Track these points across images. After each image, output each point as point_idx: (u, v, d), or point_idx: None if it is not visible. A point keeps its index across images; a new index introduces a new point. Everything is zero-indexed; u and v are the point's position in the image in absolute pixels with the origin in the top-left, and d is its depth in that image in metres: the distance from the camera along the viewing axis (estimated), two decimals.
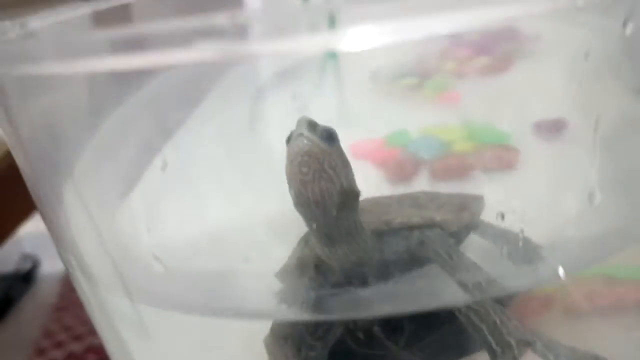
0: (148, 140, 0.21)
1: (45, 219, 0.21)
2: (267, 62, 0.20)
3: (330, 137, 0.19)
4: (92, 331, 0.25)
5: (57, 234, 0.21)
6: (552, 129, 0.26)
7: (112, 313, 0.22)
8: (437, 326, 0.21)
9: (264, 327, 0.21)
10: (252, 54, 0.13)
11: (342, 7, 0.14)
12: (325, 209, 0.19)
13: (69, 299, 0.80)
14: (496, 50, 0.31)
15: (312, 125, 0.18)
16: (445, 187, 0.25)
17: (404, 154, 0.28)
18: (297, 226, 0.20)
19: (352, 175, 0.20)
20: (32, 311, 0.78)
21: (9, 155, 0.21)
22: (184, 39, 0.12)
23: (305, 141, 0.18)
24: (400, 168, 0.27)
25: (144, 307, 0.20)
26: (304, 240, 0.22)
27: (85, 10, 0.33)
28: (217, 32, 0.12)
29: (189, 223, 0.23)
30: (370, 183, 0.27)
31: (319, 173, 0.18)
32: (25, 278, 0.80)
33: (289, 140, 0.18)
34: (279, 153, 0.27)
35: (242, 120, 0.27)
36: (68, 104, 0.18)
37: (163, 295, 0.20)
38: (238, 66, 0.19)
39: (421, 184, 0.26)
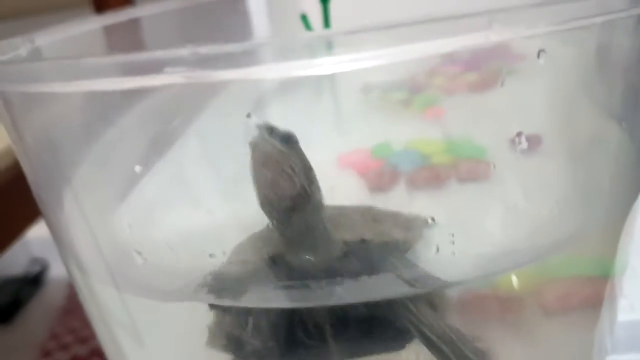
0: (142, 154, 0.23)
1: (46, 219, 0.23)
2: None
3: (288, 139, 0.19)
4: None
5: (57, 233, 0.23)
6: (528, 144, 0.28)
7: (103, 306, 0.24)
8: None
9: None
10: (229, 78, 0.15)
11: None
12: (287, 209, 0.20)
13: (76, 302, 0.81)
14: (485, 66, 0.32)
15: (270, 130, 0.19)
16: (422, 195, 0.27)
17: (386, 165, 0.30)
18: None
19: (314, 177, 0.20)
20: (39, 313, 0.80)
21: (17, 162, 0.24)
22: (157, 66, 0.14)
23: (264, 144, 0.19)
24: (379, 178, 0.29)
25: (130, 300, 0.22)
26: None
27: (94, 24, 0.35)
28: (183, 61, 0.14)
29: (165, 224, 0.25)
30: (352, 190, 0.29)
31: (279, 174, 0.19)
32: (33, 281, 0.83)
33: (251, 144, 0.19)
34: None
35: (237, 131, 0.29)
36: (65, 120, 0.21)
37: (144, 284, 0.22)
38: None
39: (399, 192, 0.28)
